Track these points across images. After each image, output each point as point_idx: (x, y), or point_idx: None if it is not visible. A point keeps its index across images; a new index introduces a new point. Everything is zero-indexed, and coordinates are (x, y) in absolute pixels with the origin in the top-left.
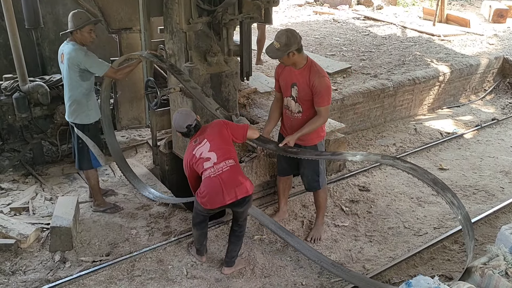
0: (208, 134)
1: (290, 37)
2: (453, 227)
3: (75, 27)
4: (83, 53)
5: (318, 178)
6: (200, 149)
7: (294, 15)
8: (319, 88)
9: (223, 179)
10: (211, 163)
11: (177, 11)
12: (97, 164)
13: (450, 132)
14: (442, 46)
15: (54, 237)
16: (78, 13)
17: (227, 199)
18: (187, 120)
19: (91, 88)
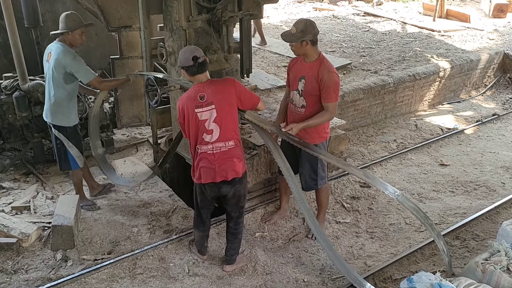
0: (218, 100)
1: (308, 26)
2: (454, 223)
3: (67, 28)
4: (71, 57)
5: (316, 178)
6: (205, 113)
7: (294, 11)
8: (328, 83)
9: (218, 159)
10: (211, 139)
11: (177, 9)
12: (76, 165)
13: (450, 127)
14: (442, 42)
15: (55, 235)
16: (71, 15)
17: (218, 178)
18: (194, 52)
19: (74, 91)
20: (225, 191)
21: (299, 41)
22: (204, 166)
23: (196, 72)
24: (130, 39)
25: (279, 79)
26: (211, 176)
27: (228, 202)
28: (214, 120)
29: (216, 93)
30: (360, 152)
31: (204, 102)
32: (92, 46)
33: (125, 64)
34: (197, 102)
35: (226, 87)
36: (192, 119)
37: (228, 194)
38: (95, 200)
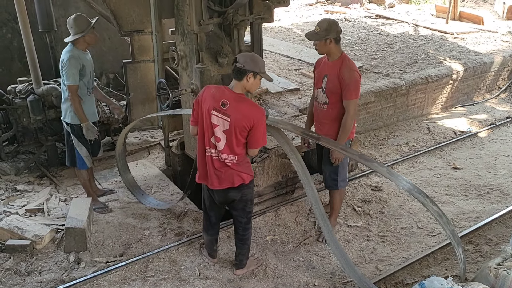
0: (236, 118)
1: (332, 25)
2: (467, 227)
3: (82, 32)
4: (67, 57)
5: (336, 178)
6: (218, 119)
7: (305, 14)
8: (348, 81)
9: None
10: (219, 147)
11: (188, 13)
12: (83, 165)
13: (464, 131)
14: (455, 44)
15: (68, 238)
16: (79, 18)
17: (225, 184)
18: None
19: (81, 90)
20: (233, 195)
21: (323, 39)
22: (211, 170)
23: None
24: (142, 43)
25: (290, 82)
26: (218, 182)
27: (236, 207)
28: (224, 131)
29: (239, 111)
30: (371, 155)
31: (223, 109)
32: (105, 50)
33: (137, 68)
34: (217, 105)
35: (250, 112)
36: (206, 116)
37: (235, 197)
38: (107, 203)
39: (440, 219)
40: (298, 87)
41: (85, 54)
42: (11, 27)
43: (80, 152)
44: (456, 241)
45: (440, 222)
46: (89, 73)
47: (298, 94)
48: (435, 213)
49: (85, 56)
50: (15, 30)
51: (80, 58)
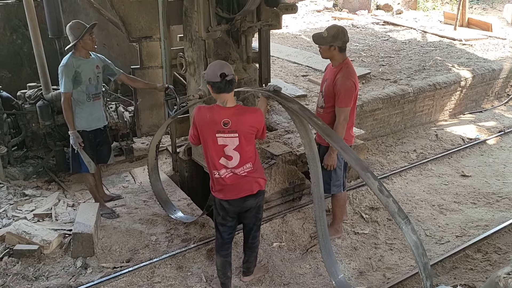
0: (242, 131)
1: (339, 33)
2: (476, 235)
3: (76, 38)
4: (62, 64)
5: (329, 182)
6: (226, 140)
7: (313, 20)
8: (339, 87)
9: (240, 182)
10: (232, 165)
11: (196, 20)
12: (86, 169)
13: (472, 138)
14: (463, 51)
15: (76, 243)
16: (74, 24)
17: (242, 193)
18: (224, 69)
19: (79, 97)
20: (250, 204)
21: (327, 45)
22: (226, 185)
23: (222, 90)
24: (151, 49)
25: (298, 89)
26: (235, 193)
27: (248, 215)
28: (235, 148)
29: (242, 123)
30: (379, 162)
31: (227, 128)
32: (114, 56)
33: (145, 73)
34: (219, 127)
35: (253, 119)
36: (210, 142)
37: (251, 205)
38: (115, 208)
39: (416, 250)
40: (306, 93)
41: (85, 60)
42: (21, 33)
43: (83, 157)
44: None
45: (414, 252)
46: (89, 79)
47: (306, 100)
48: (412, 242)
49: (84, 62)
50: (25, 36)
51: (75, 66)
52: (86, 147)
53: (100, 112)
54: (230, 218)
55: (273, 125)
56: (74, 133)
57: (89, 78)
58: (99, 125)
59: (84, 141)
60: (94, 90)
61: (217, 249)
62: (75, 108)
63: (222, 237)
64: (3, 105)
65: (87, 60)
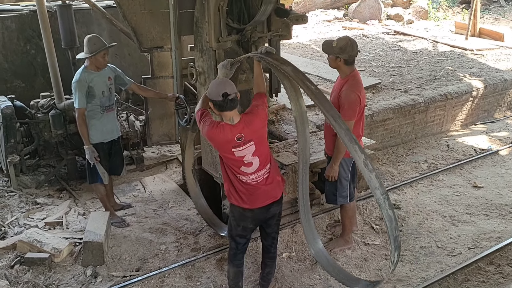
0: (256, 136)
1: (348, 46)
2: (488, 247)
3: (90, 53)
4: (75, 80)
5: (336, 193)
6: (243, 151)
7: (323, 30)
8: (343, 100)
9: (265, 186)
10: (253, 170)
11: (207, 30)
12: (101, 180)
13: (484, 148)
14: (475, 61)
15: (86, 251)
16: (93, 39)
17: (268, 201)
18: (226, 88)
19: (92, 111)
20: (273, 211)
21: (334, 56)
22: (250, 193)
23: (225, 108)
24: (162, 59)
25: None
26: (260, 200)
27: (272, 222)
28: (253, 154)
29: (254, 131)
30: (389, 173)
31: (242, 142)
32: (125, 65)
33: (156, 83)
34: (234, 143)
35: (261, 120)
36: (228, 156)
37: (275, 211)
38: (125, 217)
39: (390, 223)
40: None
41: (97, 73)
42: (35, 43)
43: (98, 169)
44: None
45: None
46: (102, 92)
47: (315, 110)
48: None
49: (96, 75)
50: (39, 46)
51: (87, 80)
52: (101, 159)
53: (114, 123)
54: (250, 229)
55: (283, 134)
56: (89, 148)
57: (102, 91)
58: (113, 136)
59: (99, 153)
60: (107, 102)
61: (230, 259)
62: (89, 121)
63: (238, 247)
64: (17, 114)
65: (99, 73)
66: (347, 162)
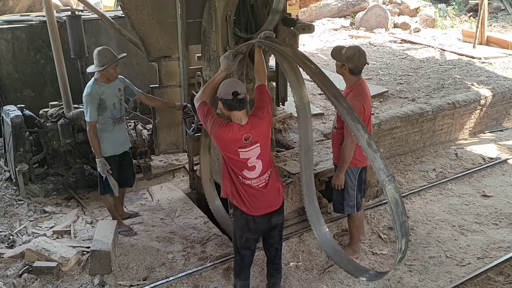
0: (262, 138)
1: (354, 55)
2: (498, 257)
3: (101, 66)
4: (86, 93)
5: (342, 202)
6: (248, 153)
7: (330, 39)
8: None
9: (266, 191)
10: (255, 174)
11: (215, 39)
12: (112, 192)
13: (493, 157)
14: (483, 69)
15: (93, 260)
16: (103, 51)
17: (268, 209)
18: (236, 87)
19: (104, 124)
20: (275, 221)
21: (340, 63)
22: (251, 197)
23: (234, 108)
24: (169, 68)
25: (314, 107)
26: (262, 207)
27: (274, 233)
28: (257, 157)
29: (261, 132)
30: (397, 182)
31: (249, 142)
32: (133, 75)
33: (164, 92)
34: (241, 143)
35: (267, 122)
36: (232, 156)
37: (277, 222)
38: (132, 225)
39: (396, 208)
40: (323, 112)
41: (108, 85)
42: (44, 53)
43: (109, 181)
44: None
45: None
46: (113, 104)
47: (323, 118)
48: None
49: (106, 88)
50: (49, 56)
51: (99, 93)
52: (113, 172)
53: (124, 134)
54: (253, 240)
55: (290, 143)
56: (101, 161)
57: (113, 103)
58: (125, 148)
59: (110, 166)
60: (118, 114)
61: (236, 274)
62: (101, 134)
63: (243, 261)
64: (26, 124)
65: (109, 85)
66: (354, 172)
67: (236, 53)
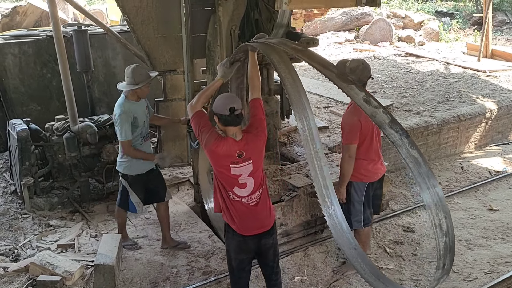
0: (255, 154)
1: (358, 67)
2: (505, 272)
3: (136, 83)
4: (118, 113)
5: (350, 216)
6: (240, 169)
7: (335, 52)
8: (343, 124)
9: (256, 210)
10: (246, 192)
11: (219, 53)
12: (134, 209)
13: (499, 170)
14: (488, 82)
15: (97, 274)
16: (138, 69)
17: (257, 230)
18: (233, 102)
19: (134, 141)
20: (266, 242)
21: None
22: (240, 214)
23: (230, 123)
24: (174, 82)
25: (319, 120)
26: (252, 227)
27: (267, 254)
28: (249, 174)
29: (255, 149)
30: (403, 195)
31: (241, 159)
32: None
33: (169, 106)
34: (233, 159)
35: (263, 140)
36: (223, 171)
37: (268, 245)
38: (136, 239)
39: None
40: (327, 125)
41: (138, 103)
42: (51, 67)
43: (132, 199)
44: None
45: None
46: (143, 122)
47: (327, 132)
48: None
49: (137, 106)
50: (55, 70)
51: (131, 111)
52: (138, 190)
53: (150, 151)
54: (247, 260)
55: (294, 156)
56: (158, 157)
57: (143, 121)
58: (151, 165)
59: (136, 184)
60: (146, 131)
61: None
62: None
63: (240, 281)
64: (32, 137)
65: (139, 103)
66: (360, 186)
67: (233, 61)
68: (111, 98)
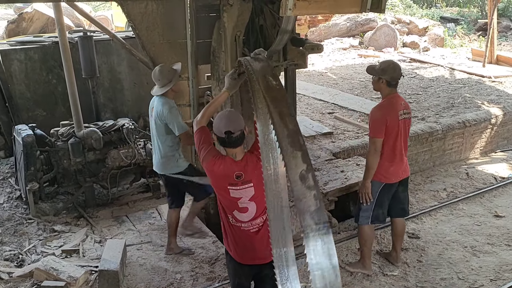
0: (256, 177)
1: (390, 68)
2: (511, 279)
3: (169, 81)
4: (167, 110)
5: (358, 212)
6: (240, 192)
7: (339, 58)
8: (370, 117)
9: (256, 238)
10: (247, 218)
11: (224, 59)
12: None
13: (505, 176)
14: (493, 88)
15: (102, 280)
16: (166, 67)
17: (258, 260)
18: (230, 125)
19: (176, 140)
20: (267, 272)
21: (377, 77)
22: (240, 244)
23: (227, 145)
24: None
25: (323, 126)
26: (248, 257)
27: (266, 279)
28: (250, 198)
29: (256, 172)
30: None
31: (240, 181)
32: (143, 94)
33: None
34: (231, 180)
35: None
36: (222, 193)
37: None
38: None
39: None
40: (332, 131)
41: (174, 102)
42: (56, 73)
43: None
44: None
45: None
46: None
47: (332, 137)
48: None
49: (175, 104)
50: (60, 76)
51: (176, 106)
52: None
53: None
54: (246, 284)
55: None
56: None
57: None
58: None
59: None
60: None
61: None
62: (175, 154)
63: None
64: (37, 143)
65: (174, 101)
66: (375, 185)
67: (240, 72)
68: (116, 104)
